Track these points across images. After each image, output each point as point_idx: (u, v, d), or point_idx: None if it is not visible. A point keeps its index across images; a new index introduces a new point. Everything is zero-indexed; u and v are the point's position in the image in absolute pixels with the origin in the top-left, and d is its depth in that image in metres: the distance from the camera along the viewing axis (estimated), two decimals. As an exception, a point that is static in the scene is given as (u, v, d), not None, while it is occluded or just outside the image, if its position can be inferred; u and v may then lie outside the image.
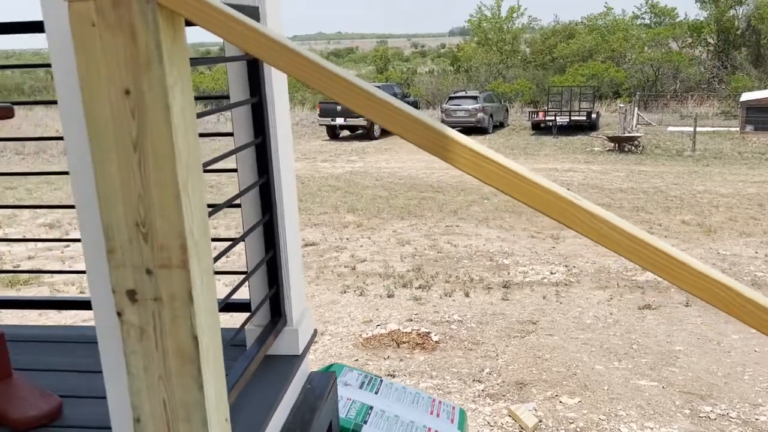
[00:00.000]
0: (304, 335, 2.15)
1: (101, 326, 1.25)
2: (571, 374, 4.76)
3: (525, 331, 5.65)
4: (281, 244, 2.05)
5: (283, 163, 2.05)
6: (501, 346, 5.30)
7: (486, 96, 23.07)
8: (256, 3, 1.84)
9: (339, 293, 6.83)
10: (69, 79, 1.14)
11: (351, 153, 18.41)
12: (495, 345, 5.34)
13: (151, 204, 1.03)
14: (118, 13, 0.96)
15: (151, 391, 1.11)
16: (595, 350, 5.19)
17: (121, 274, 1.07)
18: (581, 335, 5.52)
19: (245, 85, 1.91)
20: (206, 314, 1.11)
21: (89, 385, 1.90)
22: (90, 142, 1.02)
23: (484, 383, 4.63)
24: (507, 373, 4.78)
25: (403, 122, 0.91)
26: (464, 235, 9.09)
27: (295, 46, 0.98)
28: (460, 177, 13.67)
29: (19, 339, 2.15)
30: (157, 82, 0.98)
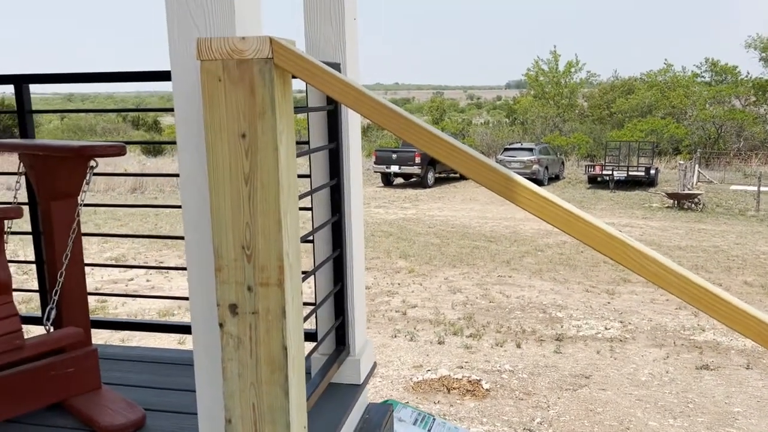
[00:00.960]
0: (365, 366, 2.28)
1: (199, 337, 1.42)
2: (624, 429, 4.68)
3: (577, 384, 5.59)
4: (349, 278, 2.21)
5: (354, 204, 2.22)
6: (553, 398, 5.26)
7: (542, 148, 23.10)
8: (338, 59, 2.05)
9: (390, 337, 6.92)
10: (189, 123, 1.34)
11: (404, 200, 18.67)
12: (546, 396, 5.30)
13: (256, 230, 1.21)
14: (241, 71, 1.16)
15: (243, 396, 1.27)
16: (649, 407, 5.09)
17: (226, 290, 1.24)
18: (635, 391, 5.42)
19: (324, 132, 2.11)
20: (294, 328, 1.27)
21: (169, 400, 2.08)
22: (209, 176, 1.21)
23: (534, 433, 4.61)
24: (558, 424, 4.74)
25: (474, 167, 1.07)
26: (517, 285, 9.07)
27: (382, 99, 1.15)
28: (513, 227, 13.67)
29: (108, 357, 2.35)
30: (269, 128, 1.17)
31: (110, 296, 3.85)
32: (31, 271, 8.61)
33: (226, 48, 1.15)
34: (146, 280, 8.95)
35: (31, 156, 1.96)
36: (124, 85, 25.79)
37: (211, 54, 1.15)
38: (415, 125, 1.12)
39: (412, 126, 1.12)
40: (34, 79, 2.35)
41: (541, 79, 38.09)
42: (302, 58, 1.14)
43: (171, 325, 2.45)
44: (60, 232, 1.87)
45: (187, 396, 2.10)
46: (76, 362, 1.96)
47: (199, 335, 1.40)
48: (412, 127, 1.12)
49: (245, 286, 1.23)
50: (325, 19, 2.00)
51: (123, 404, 1.97)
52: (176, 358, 2.37)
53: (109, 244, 11.39)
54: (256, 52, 1.14)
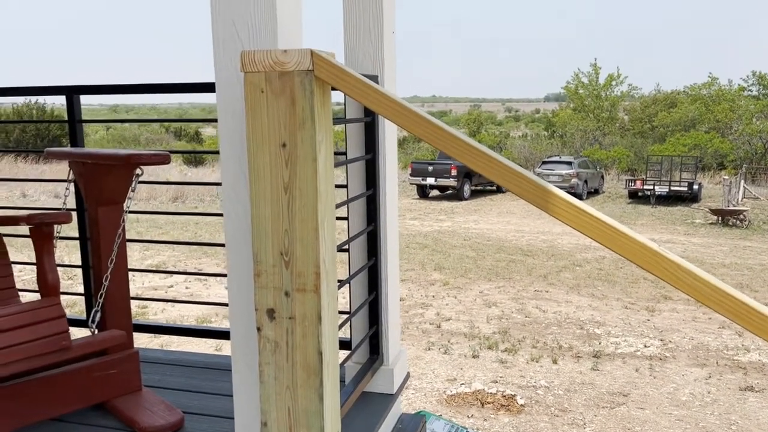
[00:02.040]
0: (398, 375, 2.29)
1: (237, 341, 1.45)
2: (664, 450, 4.56)
3: (615, 402, 5.48)
4: (383, 287, 2.23)
5: (390, 214, 2.25)
6: (589, 415, 5.17)
7: (581, 162, 22.80)
8: (377, 72, 2.09)
9: (423, 350, 6.90)
10: (232, 133, 1.39)
11: (440, 212, 18.63)
12: (583, 414, 5.21)
13: (294, 237, 1.24)
14: (282, 82, 1.20)
15: (279, 399, 1.29)
16: (690, 428, 4.96)
17: (264, 294, 1.28)
18: (675, 411, 5.28)
19: (361, 143, 2.14)
20: (329, 334, 1.30)
21: (206, 404, 2.12)
22: (250, 184, 1.25)
23: (569, 451, 4.53)
24: (594, 443, 4.65)
25: (512, 178, 1.08)
26: (554, 301, 8.95)
27: (419, 110, 1.18)
28: (551, 241, 13.50)
29: (148, 360, 2.42)
30: (308, 138, 1.20)
31: (152, 301, 3.96)
32: (75, 276, 8.86)
33: (268, 60, 1.19)
34: (185, 287, 9.13)
35: (81, 164, 2.04)
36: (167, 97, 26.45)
37: (255, 66, 1.20)
38: (452, 136, 1.14)
39: (450, 137, 1.14)
40: (84, 90, 2.45)
41: (581, 92, 37.64)
42: (342, 70, 1.17)
43: (210, 331, 2.50)
44: (106, 237, 1.94)
45: (224, 400, 2.15)
46: (119, 364, 2.02)
47: (237, 339, 1.44)
48: (450, 138, 1.14)
49: (283, 292, 1.26)
50: (364, 32, 2.04)
51: (162, 406, 2.03)
52: (213, 363, 2.42)
53: (150, 252, 11.65)
54: (298, 65, 1.17)
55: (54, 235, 1.85)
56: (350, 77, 1.19)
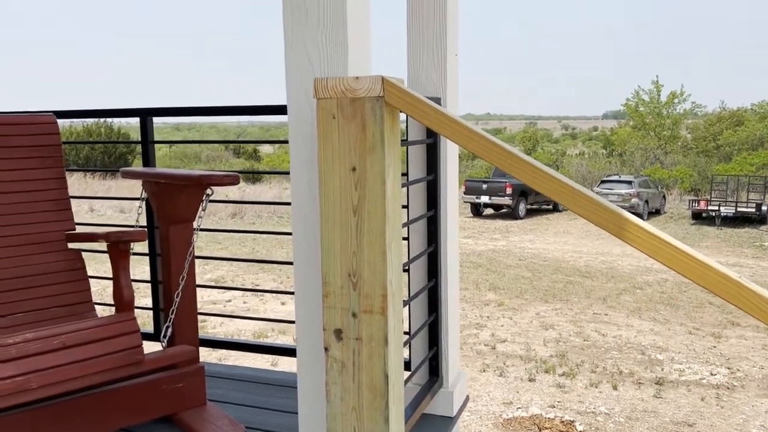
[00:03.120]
0: (458, 398, 2.27)
1: (303, 360, 1.47)
2: (733, 485, 4.35)
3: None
4: (443, 309, 2.23)
5: (450, 235, 2.25)
6: (652, 445, 4.98)
7: (641, 181, 22.19)
8: (439, 94, 2.11)
9: (478, 371, 6.81)
10: (302, 155, 1.42)
11: (494, 231, 18.43)
12: (645, 443, 5.02)
13: (362, 259, 1.26)
14: (353, 108, 1.23)
15: (344, 419, 1.31)
16: (762, 463, 4.71)
17: (332, 315, 1.30)
18: (746, 444, 5.03)
19: (422, 164, 2.16)
20: (395, 356, 1.30)
21: (268, 420, 2.16)
22: (321, 206, 1.28)
23: (631, 481, 4.37)
24: (658, 474, 4.47)
25: (582, 202, 1.07)
26: (614, 324, 8.70)
27: (488, 135, 1.18)
28: (610, 263, 13.15)
29: (213, 375, 2.48)
30: (377, 162, 1.22)
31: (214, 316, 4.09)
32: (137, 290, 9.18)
33: (340, 87, 1.22)
34: (243, 302, 9.32)
35: (154, 183, 2.13)
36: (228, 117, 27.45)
37: (327, 93, 1.23)
38: (521, 161, 1.14)
39: (519, 162, 1.14)
40: (158, 113, 2.56)
41: (642, 110, 36.72)
42: (411, 95, 1.19)
43: (272, 347, 2.55)
44: (177, 254, 2.01)
45: (285, 417, 2.17)
46: (185, 378, 2.08)
47: (303, 357, 1.46)
48: (519, 162, 1.14)
49: (350, 313, 1.28)
50: (428, 55, 2.07)
51: (226, 421, 2.07)
52: (275, 379, 2.46)
53: (210, 266, 11.95)
54: (369, 91, 1.20)
55: (129, 252, 1.93)
56: (419, 103, 1.21)
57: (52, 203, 2.16)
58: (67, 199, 2.22)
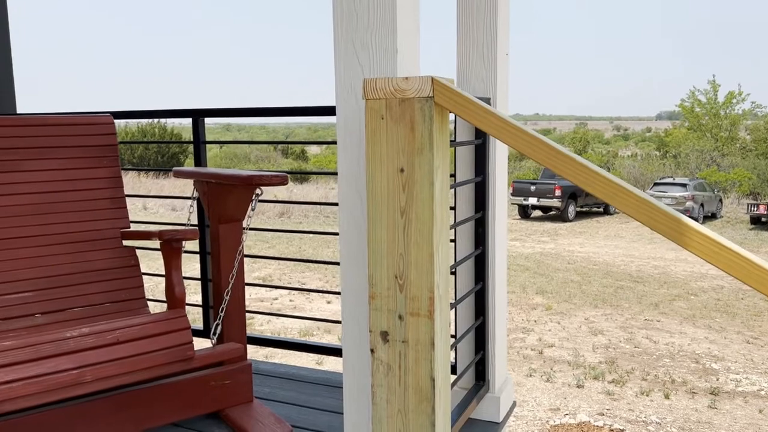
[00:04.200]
0: (504, 403, 2.24)
1: (349, 361, 1.47)
2: (794, 503, 4.15)
3: (736, 445, 5.06)
4: (490, 312, 2.20)
5: (498, 238, 2.22)
6: (706, 458, 4.80)
7: (696, 184, 21.49)
8: (489, 94, 2.08)
9: (524, 376, 6.70)
10: (350, 156, 1.42)
11: (542, 233, 18.13)
12: (699, 455, 4.85)
13: (409, 261, 1.25)
14: (402, 109, 1.22)
15: (390, 422, 1.30)
16: (826, 481, 4.48)
17: (378, 317, 1.29)
18: (808, 461, 4.80)
19: (471, 165, 2.13)
20: (442, 360, 1.29)
21: (313, 419, 2.17)
22: (368, 208, 1.28)
23: (684, 495, 4.22)
24: (713, 488, 4.31)
25: (638, 205, 1.03)
26: (666, 331, 8.44)
27: (540, 136, 1.15)
28: (663, 268, 12.77)
29: (259, 372, 2.51)
30: (426, 163, 1.21)
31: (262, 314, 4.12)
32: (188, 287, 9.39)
33: (389, 88, 1.21)
34: (289, 300, 9.43)
35: (205, 183, 2.17)
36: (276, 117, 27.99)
37: (376, 93, 1.22)
38: (576, 163, 1.11)
39: (573, 164, 1.11)
40: (209, 113, 2.61)
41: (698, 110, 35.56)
42: (461, 96, 1.18)
43: (318, 346, 2.56)
44: (227, 253, 2.05)
45: (331, 416, 2.18)
46: (233, 375, 2.11)
47: (349, 359, 1.46)
48: (573, 164, 1.11)
49: (396, 315, 1.27)
50: (478, 55, 2.04)
51: (272, 419, 2.09)
52: (320, 378, 2.48)
53: (257, 265, 12.15)
54: (418, 92, 1.19)
55: (182, 250, 1.97)
56: (469, 103, 1.19)
57: (108, 201, 2.23)
58: (123, 198, 2.28)
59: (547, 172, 22.38)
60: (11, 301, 2.05)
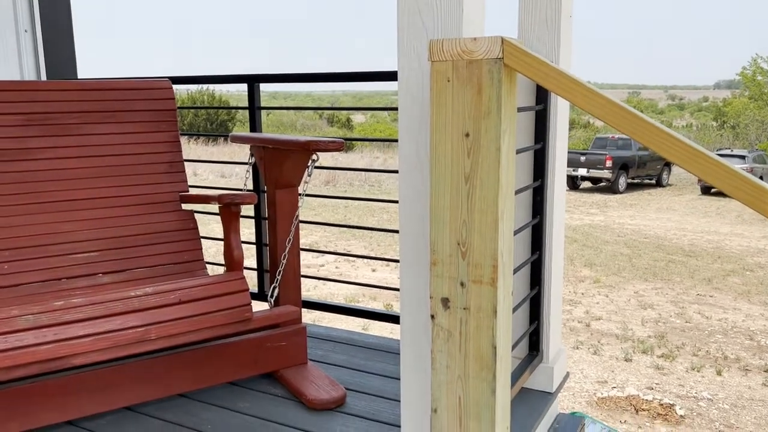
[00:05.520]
0: (558, 374, 2.22)
1: (407, 327, 1.47)
2: None
3: (792, 424, 4.92)
4: (546, 283, 2.16)
5: (557, 207, 2.17)
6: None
7: (756, 156, 20.63)
8: (552, 58, 2.01)
9: (571, 348, 6.64)
10: (412, 121, 1.40)
11: (591, 205, 17.76)
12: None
13: (472, 228, 1.23)
14: (470, 71, 1.18)
15: (449, 388, 1.30)
16: None
17: (440, 283, 1.28)
18: None
19: (530, 132, 2.08)
20: (504, 328, 1.27)
21: (367, 383, 2.19)
22: (431, 173, 1.26)
23: (736, 472, 4.15)
24: (767, 467, 4.22)
25: (720, 174, 0.99)
26: (719, 307, 8.21)
27: (614, 99, 1.11)
28: (717, 242, 12.38)
29: (313, 336, 2.55)
30: (492, 128, 1.18)
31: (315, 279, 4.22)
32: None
33: (457, 49, 1.18)
34: (335, 267, 9.54)
35: (261, 148, 2.18)
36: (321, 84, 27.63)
37: (442, 55, 1.19)
38: (650, 126, 1.06)
39: (647, 127, 1.07)
40: (265, 79, 2.61)
41: (760, 79, 33.91)
42: (533, 57, 1.14)
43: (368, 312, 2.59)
44: (283, 218, 2.06)
45: (383, 380, 2.21)
46: (289, 337, 2.15)
47: (407, 324, 1.46)
48: (647, 128, 1.07)
49: (458, 282, 1.26)
50: (541, 17, 1.97)
51: (326, 381, 2.13)
52: (372, 343, 2.50)
53: (304, 231, 12.29)
54: (487, 53, 1.15)
55: (240, 214, 2.00)
56: (541, 64, 1.15)
57: (167, 165, 2.27)
58: (181, 162, 2.32)
59: (598, 142, 21.81)
60: (76, 260, 2.12)
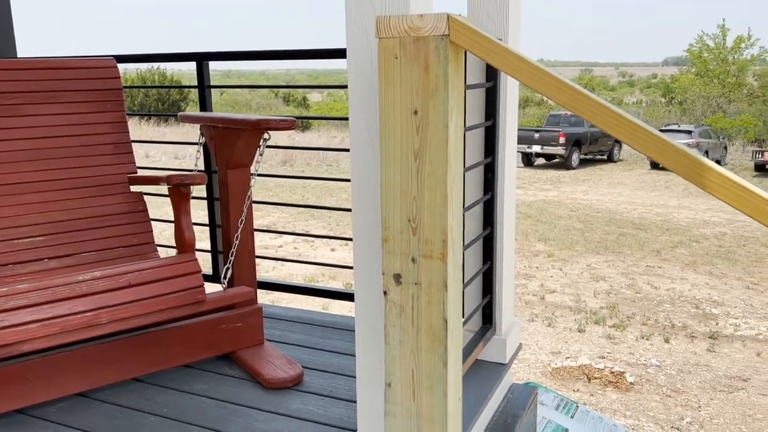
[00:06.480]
0: (511, 346, 2.27)
1: (361, 303, 1.49)
2: (788, 442, 4.28)
3: (733, 386, 5.17)
4: (498, 257, 2.21)
5: (507, 183, 2.21)
6: (704, 398, 4.92)
7: (702, 131, 21.31)
8: (500, 34, 2.03)
9: (526, 321, 6.81)
10: (361, 98, 1.40)
11: (545, 181, 18.09)
12: (698, 396, 4.96)
13: (422, 204, 1.25)
14: (417, 48, 1.19)
15: (403, 362, 1.32)
16: (819, 421, 4.60)
17: (391, 260, 1.30)
18: (803, 402, 4.92)
19: (480, 109, 2.10)
20: (455, 302, 1.30)
21: (324, 361, 2.21)
22: (381, 151, 1.26)
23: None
24: (711, 426, 4.43)
25: (661, 148, 1.02)
26: (667, 277, 8.52)
27: (559, 75, 1.13)
28: (665, 215, 12.79)
29: (270, 316, 2.55)
30: (440, 105, 1.19)
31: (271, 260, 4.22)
32: (194, 234, 9.46)
33: (404, 26, 1.18)
34: (294, 248, 9.50)
35: (212, 128, 2.15)
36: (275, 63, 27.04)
37: (389, 32, 1.19)
38: (594, 102, 1.09)
39: (591, 104, 1.09)
40: (214, 57, 2.56)
41: (706, 56, 34.89)
42: (479, 34, 1.15)
43: (326, 291, 2.59)
44: (236, 198, 2.04)
45: (340, 357, 2.23)
46: (244, 318, 2.14)
47: (361, 301, 1.48)
48: (592, 105, 1.09)
49: (410, 258, 1.28)
50: (489, -6, 1.98)
51: (284, 360, 2.13)
52: (329, 321, 2.51)
53: (260, 213, 12.18)
54: (433, 29, 1.16)
55: (190, 195, 1.97)
56: (488, 41, 1.16)
57: (113, 146, 2.21)
58: (129, 143, 2.26)
59: (552, 119, 22.16)
60: (20, 245, 2.06)
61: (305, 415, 1.86)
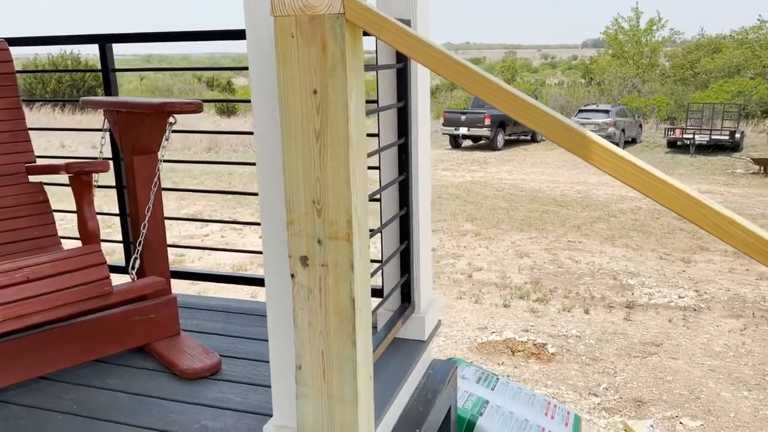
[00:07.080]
0: (430, 323, 2.31)
1: (271, 287, 1.47)
2: (695, 398, 4.57)
3: (647, 352, 5.47)
4: (415, 236, 2.23)
5: (421, 163, 2.23)
6: (620, 364, 5.18)
7: (618, 110, 22.22)
8: (409, 16, 2.03)
9: (454, 299, 6.95)
10: (262, 79, 1.37)
11: (472, 163, 18.45)
12: (614, 363, 5.23)
13: (326, 185, 1.24)
14: (312, 27, 1.17)
15: (312, 344, 1.32)
16: (722, 378, 4.94)
17: (297, 242, 1.29)
18: (708, 362, 5.26)
19: (393, 90, 2.11)
20: (362, 281, 1.30)
21: (243, 348, 2.18)
22: (282, 132, 1.24)
23: (600, 397, 4.57)
24: (625, 390, 4.68)
25: (547, 123, 1.05)
26: (587, 251, 8.88)
27: (452, 54, 1.14)
28: (585, 192, 13.31)
29: (186, 306, 2.49)
30: (339, 84, 1.18)
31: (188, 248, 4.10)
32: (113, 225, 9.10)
33: (298, 4, 1.16)
34: (221, 236, 9.31)
35: (115, 113, 2.06)
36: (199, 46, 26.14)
37: (285, 10, 1.17)
38: (485, 80, 1.11)
39: (483, 81, 1.11)
40: (116, 39, 2.45)
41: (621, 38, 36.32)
42: (373, 12, 1.14)
43: (246, 278, 2.55)
44: (142, 185, 1.97)
45: (259, 344, 2.20)
46: (158, 309, 2.08)
47: (271, 285, 1.46)
48: (483, 81, 1.11)
49: (315, 239, 1.27)
50: (396, -26, 1.98)
51: (200, 350, 2.09)
52: (249, 308, 2.48)
53: (186, 201, 11.85)
54: (328, 8, 1.14)
55: (93, 184, 1.89)
56: (382, 20, 1.15)
57: (8, 134, 2.09)
58: (25, 131, 2.14)
59: (477, 101, 22.55)
60: None
61: (223, 403, 1.83)
